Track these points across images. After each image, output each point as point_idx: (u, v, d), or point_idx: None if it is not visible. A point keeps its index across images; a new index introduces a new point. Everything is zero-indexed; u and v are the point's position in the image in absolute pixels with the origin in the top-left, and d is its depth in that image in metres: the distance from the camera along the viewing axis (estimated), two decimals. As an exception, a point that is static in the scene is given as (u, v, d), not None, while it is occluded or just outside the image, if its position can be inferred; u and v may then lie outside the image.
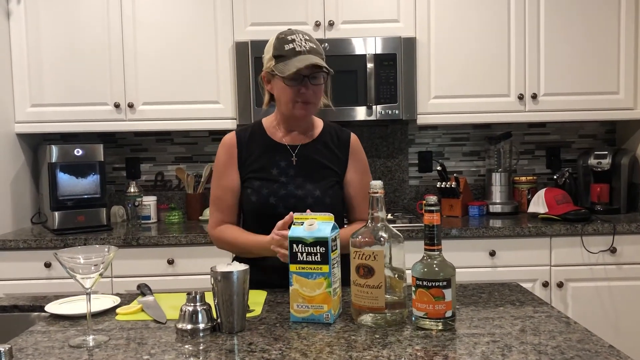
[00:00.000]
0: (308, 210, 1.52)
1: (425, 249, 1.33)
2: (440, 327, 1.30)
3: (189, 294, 1.34)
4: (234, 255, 1.87)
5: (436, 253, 1.32)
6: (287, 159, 1.78)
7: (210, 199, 1.84)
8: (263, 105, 1.82)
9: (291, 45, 1.66)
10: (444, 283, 1.28)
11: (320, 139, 1.81)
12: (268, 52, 1.71)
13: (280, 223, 1.59)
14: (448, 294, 1.29)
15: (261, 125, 1.84)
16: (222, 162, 1.81)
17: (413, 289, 1.32)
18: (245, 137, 1.81)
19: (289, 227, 1.46)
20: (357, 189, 1.81)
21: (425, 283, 1.29)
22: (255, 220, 1.77)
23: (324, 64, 1.66)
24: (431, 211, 1.31)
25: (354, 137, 1.85)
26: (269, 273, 1.70)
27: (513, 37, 2.99)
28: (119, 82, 2.99)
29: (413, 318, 1.33)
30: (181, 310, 1.33)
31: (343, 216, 1.88)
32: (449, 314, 1.30)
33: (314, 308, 1.37)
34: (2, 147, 2.91)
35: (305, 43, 1.67)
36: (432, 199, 1.32)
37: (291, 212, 1.55)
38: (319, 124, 1.85)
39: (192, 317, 1.32)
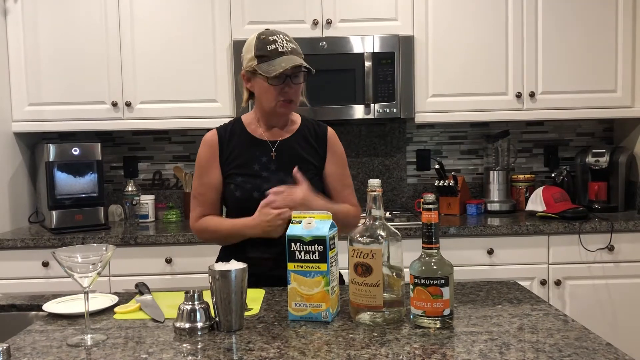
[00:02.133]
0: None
1: (423, 247, 1.33)
2: (438, 325, 1.30)
3: (187, 292, 1.34)
4: (218, 254, 1.90)
5: (434, 251, 1.32)
6: (267, 154, 1.83)
7: (192, 194, 1.88)
8: (242, 102, 1.88)
9: (274, 46, 1.72)
10: (442, 281, 1.28)
11: (298, 134, 1.87)
12: (249, 52, 1.76)
13: (263, 202, 1.69)
14: (446, 292, 1.29)
15: (241, 123, 1.88)
16: (204, 159, 1.85)
17: (411, 287, 1.32)
18: (226, 134, 1.85)
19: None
20: (337, 180, 1.88)
21: (423, 281, 1.29)
22: (239, 215, 1.80)
23: (307, 65, 1.73)
24: (429, 209, 1.31)
25: (331, 131, 1.91)
26: (259, 264, 1.72)
27: (511, 35, 3.00)
28: (117, 81, 2.98)
29: (411, 316, 1.33)
30: (179, 309, 1.33)
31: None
32: (447, 312, 1.30)
33: (312, 306, 1.37)
34: (0, 146, 2.91)
35: (287, 44, 1.73)
36: (430, 197, 1.32)
37: (271, 192, 1.69)
38: (297, 119, 1.91)
39: (190, 315, 1.31)
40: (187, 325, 1.31)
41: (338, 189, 1.88)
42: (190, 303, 1.33)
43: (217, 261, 1.79)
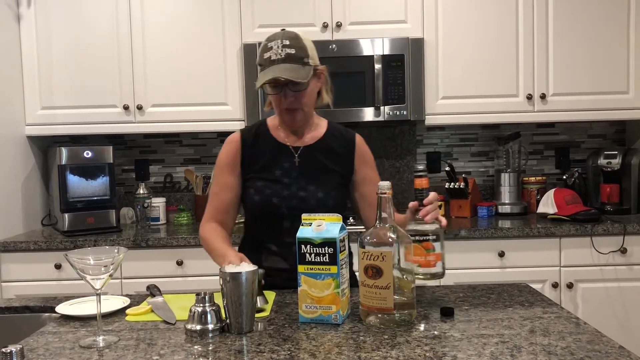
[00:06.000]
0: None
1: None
2: (429, 277, 1.46)
3: (198, 294, 1.35)
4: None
5: None
6: (290, 160, 1.77)
7: (209, 193, 1.85)
8: (265, 106, 1.84)
9: (268, 54, 1.62)
10: (434, 237, 1.46)
11: (323, 140, 1.79)
12: None
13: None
14: (437, 246, 1.46)
15: (265, 125, 1.83)
16: (224, 159, 1.80)
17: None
18: (249, 137, 1.80)
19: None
20: (373, 185, 1.71)
21: (417, 238, 1.45)
22: (258, 220, 1.78)
23: (287, 76, 1.58)
24: (420, 176, 1.48)
25: (359, 137, 1.83)
26: (274, 275, 1.70)
27: (521, 37, 2.98)
28: (128, 85, 3.00)
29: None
30: (190, 311, 1.34)
31: (346, 217, 1.83)
32: (438, 265, 1.46)
33: (322, 309, 1.37)
34: (13, 150, 2.94)
35: (282, 50, 1.60)
36: (420, 166, 1.51)
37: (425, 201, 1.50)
38: (322, 124, 1.83)
39: (201, 317, 1.32)
40: (198, 327, 1.31)
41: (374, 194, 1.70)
42: (201, 305, 1.33)
43: None
